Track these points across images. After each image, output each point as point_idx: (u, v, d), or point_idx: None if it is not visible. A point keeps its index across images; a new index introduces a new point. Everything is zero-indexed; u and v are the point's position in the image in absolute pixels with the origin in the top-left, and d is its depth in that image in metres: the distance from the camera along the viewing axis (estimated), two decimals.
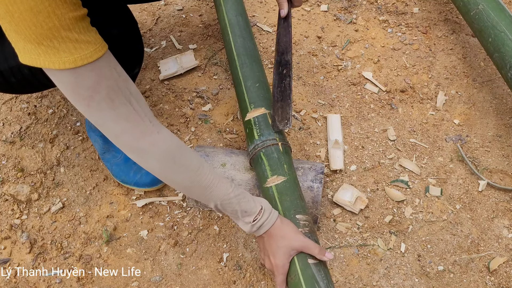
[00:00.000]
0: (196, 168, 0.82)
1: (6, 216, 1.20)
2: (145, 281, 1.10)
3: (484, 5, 1.30)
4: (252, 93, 1.13)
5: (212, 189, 0.84)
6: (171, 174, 0.82)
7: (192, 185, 0.83)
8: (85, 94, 0.68)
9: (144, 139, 0.75)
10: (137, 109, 0.73)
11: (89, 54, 0.65)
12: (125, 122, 0.73)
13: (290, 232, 0.88)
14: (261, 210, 0.88)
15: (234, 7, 1.34)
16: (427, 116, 1.38)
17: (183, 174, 0.82)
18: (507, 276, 1.09)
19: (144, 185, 1.21)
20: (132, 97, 0.73)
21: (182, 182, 0.83)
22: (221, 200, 0.85)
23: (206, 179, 0.83)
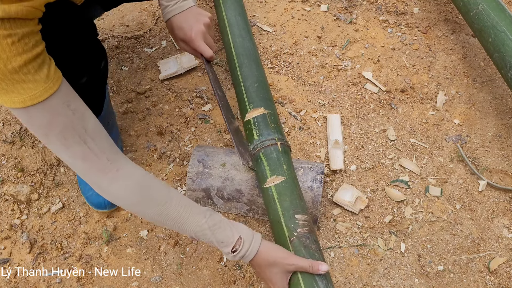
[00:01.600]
0: (163, 202, 0.81)
1: (6, 216, 1.20)
2: (145, 281, 1.10)
3: (484, 5, 1.30)
4: (251, 93, 1.13)
5: (183, 222, 0.82)
6: (136, 209, 0.82)
7: (160, 218, 0.82)
8: (40, 131, 0.70)
9: (103, 177, 0.76)
10: (93, 147, 0.73)
11: (38, 94, 0.65)
12: (81, 161, 0.74)
13: (279, 258, 0.85)
14: (239, 239, 0.84)
15: (233, 7, 1.34)
16: (427, 116, 1.38)
17: (149, 209, 0.81)
18: (507, 276, 1.09)
19: (91, 204, 1.18)
20: (88, 136, 0.73)
21: (149, 216, 0.83)
22: (195, 232, 0.83)
23: (174, 212, 0.81)
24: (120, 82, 1.47)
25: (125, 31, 1.62)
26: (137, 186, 0.79)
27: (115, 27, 1.63)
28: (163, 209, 0.81)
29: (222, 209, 1.17)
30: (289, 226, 0.91)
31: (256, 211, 1.14)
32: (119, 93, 1.44)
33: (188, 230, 0.84)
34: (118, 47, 1.57)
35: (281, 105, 1.40)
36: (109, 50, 1.56)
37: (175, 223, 0.83)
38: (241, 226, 0.88)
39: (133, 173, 0.80)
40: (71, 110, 0.71)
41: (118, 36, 1.59)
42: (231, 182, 1.11)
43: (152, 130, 1.36)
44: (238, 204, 1.13)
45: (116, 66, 1.51)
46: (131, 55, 1.54)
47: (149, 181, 0.82)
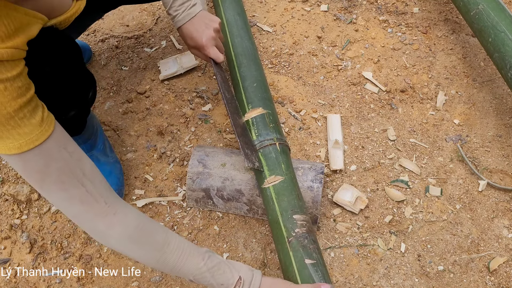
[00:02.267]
0: (161, 246, 0.79)
1: (6, 216, 1.20)
2: (145, 281, 1.10)
3: (484, 5, 1.30)
4: (249, 93, 1.13)
5: (181, 266, 0.81)
6: (133, 254, 0.80)
7: (158, 264, 0.80)
8: (36, 177, 0.68)
9: (100, 221, 0.74)
10: (91, 190, 0.72)
11: (34, 138, 0.64)
12: (79, 204, 0.72)
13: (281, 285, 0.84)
14: (239, 280, 0.82)
15: (232, 6, 1.34)
16: (427, 116, 1.38)
17: (146, 254, 0.79)
18: (507, 276, 1.08)
19: None
20: (86, 178, 0.71)
21: (146, 261, 0.81)
22: (193, 275, 0.82)
23: (172, 257, 0.80)
24: (120, 82, 1.47)
25: (125, 31, 1.62)
26: (135, 230, 0.77)
27: (115, 27, 1.63)
28: (160, 254, 0.79)
29: (222, 209, 1.17)
30: (287, 226, 0.91)
31: (256, 211, 1.14)
32: (119, 93, 1.44)
33: (187, 274, 0.82)
34: (118, 47, 1.57)
35: (281, 105, 1.40)
36: (109, 50, 1.56)
37: (173, 268, 0.81)
38: (240, 265, 0.86)
39: (131, 217, 0.78)
40: (68, 153, 0.70)
41: (118, 36, 1.60)
42: (231, 182, 1.11)
43: (152, 130, 1.36)
44: (238, 204, 1.13)
45: (116, 66, 1.52)
46: (131, 55, 1.54)
47: (147, 225, 0.80)
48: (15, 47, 0.63)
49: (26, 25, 0.67)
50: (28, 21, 0.68)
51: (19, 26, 0.65)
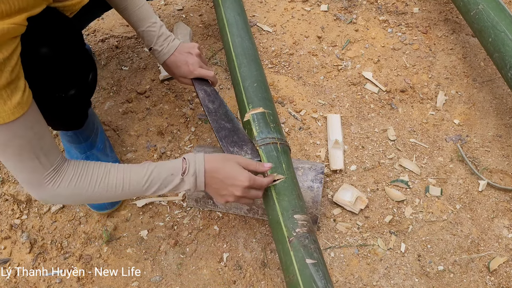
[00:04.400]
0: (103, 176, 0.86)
1: (6, 216, 1.20)
2: (145, 281, 1.10)
3: (484, 5, 1.30)
4: (250, 93, 1.13)
5: (130, 181, 0.87)
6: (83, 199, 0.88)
7: (109, 193, 0.87)
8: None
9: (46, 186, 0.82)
10: (44, 162, 0.80)
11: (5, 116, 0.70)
12: (31, 173, 0.80)
13: (226, 155, 0.95)
14: (184, 161, 0.91)
15: (232, 6, 1.34)
16: (427, 116, 1.38)
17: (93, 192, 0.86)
18: (507, 276, 1.08)
19: (92, 207, 1.19)
20: (42, 153, 0.79)
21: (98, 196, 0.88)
22: (144, 183, 0.88)
23: (117, 179, 0.87)
24: (120, 82, 1.47)
25: (125, 31, 1.62)
26: (77, 176, 0.85)
27: (115, 27, 1.63)
28: (105, 183, 0.87)
29: (222, 209, 1.17)
30: (288, 226, 0.91)
31: (256, 211, 1.14)
32: (119, 93, 1.44)
33: (139, 184, 0.88)
34: (118, 47, 1.57)
35: (281, 105, 1.40)
36: (109, 50, 1.56)
37: (123, 189, 0.88)
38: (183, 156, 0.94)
39: (70, 170, 0.85)
40: (33, 133, 0.76)
41: (118, 36, 1.59)
42: None
43: (152, 130, 1.36)
44: (238, 204, 1.13)
45: (116, 66, 1.51)
46: (131, 55, 1.54)
47: (86, 166, 0.87)
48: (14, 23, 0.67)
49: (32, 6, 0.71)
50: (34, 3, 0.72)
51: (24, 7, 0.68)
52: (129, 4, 1.11)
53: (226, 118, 1.09)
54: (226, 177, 0.91)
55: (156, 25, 1.13)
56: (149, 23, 1.12)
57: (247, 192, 0.93)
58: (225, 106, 1.11)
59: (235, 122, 1.09)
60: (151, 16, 1.13)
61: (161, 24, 1.14)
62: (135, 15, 1.12)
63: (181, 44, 1.15)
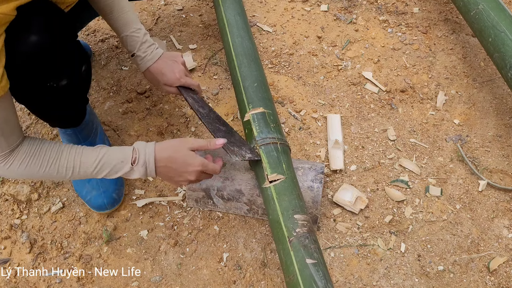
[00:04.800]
0: (54, 159, 0.89)
1: (6, 216, 1.20)
2: (145, 281, 1.10)
3: (484, 5, 1.30)
4: (250, 93, 1.13)
5: (81, 163, 0.90)
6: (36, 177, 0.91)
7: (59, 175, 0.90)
8: None
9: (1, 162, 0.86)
10: (1, 144, 0.83)
11: None
12: None
13: (177, 141, 0.96)
14: (134, 150, 0.93)
15: (232, 6, 1.34)
16: (427, 116, 1.38)
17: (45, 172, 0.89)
18: (507, 276, 1.08)
19: (92, 207, 1.19)
20: (2, 136, 0.82)
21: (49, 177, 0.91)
22: (95, 166, 0.91)
23: (68, 163, 0.90)
24: (120, 82, 1.47)
25: None
26: (29, 157, 0.88)
27: None
28: (56, 165, 0.89)
29: (222, 209, 1.17)
30: (288, 226, 0.91)
31: (256, 211, 1.14)
32: (119, 93, 1.44)
33: (89, 167, 0.91)
34: (118, 47, 1.57)
35: (281, 105, 1.40)
36: (109, 50, 1.56)
37: (73, 170, 0.91)
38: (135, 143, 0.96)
39: (23, 150, 0.88)
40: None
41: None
42: (231, 182, 1.11)
43: (152, 130, 1.36)
44: (238, 204, 1.13)
45: (116, 66, 1.51)
46: None
47: (39, 147, 0.89)
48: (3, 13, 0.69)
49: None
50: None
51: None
52: (115, 9, 1.10)
53: (219, 121, 1.09)
54: (179, 166, 0.94)
55: (140, 32, 1.12)
56: (133, 29, 1.11)
57: (200, 175, 0.97)
58: (214, 112, 1.11)
59: (229, 126, 1.09)
60: (136, 22, 1.12)
61: (145, 32, 1.13)
62: (120, 19, 1.10)
63: (165, 52, 1.15)
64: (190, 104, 1.11)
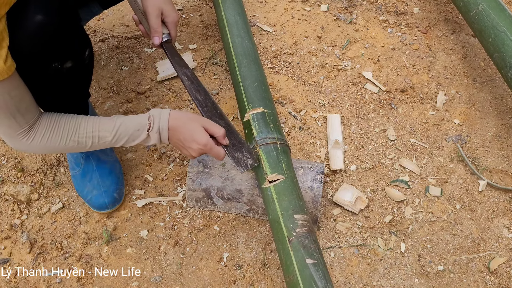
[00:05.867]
0: (74, 129, 0.93)
1: (6, 216, 1.20)
2: (145, 281, 1.10)
3: (484, 5, 1.30)
4: (250, 93, 1.13)
5: (99, 133, 0.94)
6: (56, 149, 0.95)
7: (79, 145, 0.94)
8: None
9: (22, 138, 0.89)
10: (20, 120, 0.86)
11: None
12: (7, 128, 0.87)
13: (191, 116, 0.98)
14: (150, 117, 0.96)
15: (232, 6, 1.34)
16: (427, 116, 1.38)
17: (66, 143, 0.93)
18: (507, 276, 1.08)
19: (93, 207, 1.19)
20: (19, 113, 0.85)
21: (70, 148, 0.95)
22: (112, 137, 0.94)
23: (87, 132, 0.93)
24: (120, 82, 1.47)
25: (125, 31, 1.62)
26: (50, 129, 0.91)
27: (115, 27, 1.63)
28: (76, 135, 0.93)
29: (222, 209, 1.17)
30: (288, 226, 0.91)
31: (256, 211, 1.14)
32: (119, 93, 1.44)
33: (107, 139, 0.94)
34: (118, 47, 1.57)
35: (281, 105, 1.40)
36: (109, 50, 1.56)
37: (92, 142, 0.94)
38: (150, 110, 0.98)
39: (43, 123, 0.91)
40: (10, 97, 0.82)
41: (118, 36, 1.59)
42: (231, 182, 1.11)
43: None
44: (238, 204, 1.13)
45: (116, 66, 1.51)
46: (131, 55, 1.54)
47: (58, 119, 0.93)
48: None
49: None
50: None
51: None
52: None
53: (217, 112, 1.06)
54: (185, 137, 0.96)
55: None
56: None
57: (203, 152, 0.98)
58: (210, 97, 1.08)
59: (226, 117, 1.07)
60: None
61: None
62: None
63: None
64: (186, 87, 1.08)
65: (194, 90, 1.07)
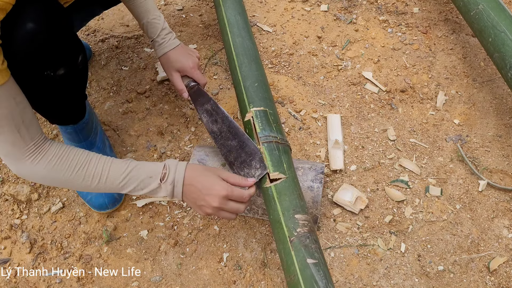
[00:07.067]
0: (83, 165, 0.88)
1: (6, 216, 1.20)
2: (145, 281, 1.10)
3: (484, 5, 1.30)
4: (250, 93, 1.13)
5: (108, 174, 0.88)
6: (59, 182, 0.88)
7: (84, 182, 0.88)
8: None
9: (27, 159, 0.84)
10: (24, 135, 0.82)
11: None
12: (10, 146, 0.81)
13: (208, 168, 0.95)
14: (165, 167, 0.91)
15: (233, 6, 1.34)
16: (427, 116, 1.38)
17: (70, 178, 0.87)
18: (507, 276, 1.09)
19: (93, 207, 1.19)
20: (23, 126, 0.81)
21: (73, 185, 0.89)
22: (121, 180, 0.89)
23: (96, 170, 0.88)
24: (120, 82, 1.47)
25: (125, 31, 1.62)
26: (57, 158, 0.86)
27: (115, 27, 1.63)
28: (83, 171, 0.87)
29: None
30: (289, 226, 0.91)
31: (256, 211, 1.14)
32: (119, 93, 1.44)
33: (115, 182, 0.89)
34: (118, 47, 1.57)
35: (281, 105, 1.40)
36: (109, 50, 1.56)
37: (100, 181, 0.88)
38: (166, 160, 0.94)
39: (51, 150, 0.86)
40: (15, 103, 0.78)
41: (118, 36, 1.59)
42: None
43: (152, 130, 1.36)
44: None
45: (116, 66, 1.51)
46: (131, 55, 1.54)
47: (68, 151, 0.88)
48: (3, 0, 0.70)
49: None
50: None
51: None
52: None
53: (231, 134, 1.06)
54: (203, 187, 0.91)
55: (160, 18, 1.18)
56: (154, 16, 1.17)
57: (225, 204, 0.92)
58: (227, 117, 1.08)
59: (240, 133, 1.05)
60: (156, 9, 1.19)
61: (164, 20, 1.19)
62: (141, 6, 1.16)
63: (182, 44, 1.20)
64: (205, 124, 1.10)
65: (211, 123, 1.09)
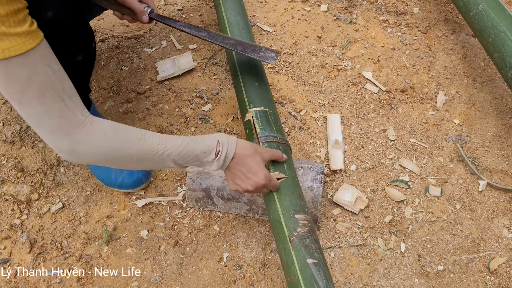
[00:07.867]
0: (140, 136, 0.83)
1: (6, 216, 1.20)
2: (145, 281, 1.10)
3: (484, 5, 1.30)
4: (250, 93, 1.13)
5: (164, 147, 0.85)
6: (117, 153, 0.82)
7: (141, 154, 0.83)
8: (17, 88, 0.69)
9: (80, 131, 0.76)
10: (69, 105, 0.75)
11: (17, 46, 0.65)
12: (58, 118, 0.74)
13: (256, 148, 0.94)
14: (218, 143, 0.90)
15: (233, 6, 1.34)
16: (427, 116, 1.38)
17: (129, 148, 0.82)
18: (507, 276, 1.08)
19: (127, 187, 1.20)
20: (65, 94, 0.74)
21: (130, 156, 0.83)
22: (178, 153, 0.86)
23: (152, 142, 0.84)
24: (120, 82, 1.47)
25: (125, 31, 1.62)
26: (113, 130, 0.81)
27: (115, 27, 1.63)
28: (141, 143, 0.83)
29: (222, 209, 1.17)
30: (289, 225, 0.91)
31: (256, 211, 1.14)
32: (119, 93, 1.44)
33: (170, 154, 0.86)
34: (118, 47, 1.57)
35: (281, 105, 1.40)
36: (109, 50, 1.56)
37: (156, 153, 0.84)
38: (214, 134, 0.93)
39: (106, 123, 0.82)
40: (51, 70, 0.72)
41: (118, 36, 1.59)
42: None
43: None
44: (238, 204, 1.13)
45: (116, 66, 1.51)
46: (131, 55, 1.54)
47: (122, 125, 0.84)
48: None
49: None
50: None
51: None
52: None
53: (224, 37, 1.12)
54: (248, 170, 0.92)
55: None
56: None
57: (259, 190, 0.95)
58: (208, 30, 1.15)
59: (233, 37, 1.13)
60: None
61: None
62: None
63: None
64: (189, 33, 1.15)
65: (197, 31, 1.14)
